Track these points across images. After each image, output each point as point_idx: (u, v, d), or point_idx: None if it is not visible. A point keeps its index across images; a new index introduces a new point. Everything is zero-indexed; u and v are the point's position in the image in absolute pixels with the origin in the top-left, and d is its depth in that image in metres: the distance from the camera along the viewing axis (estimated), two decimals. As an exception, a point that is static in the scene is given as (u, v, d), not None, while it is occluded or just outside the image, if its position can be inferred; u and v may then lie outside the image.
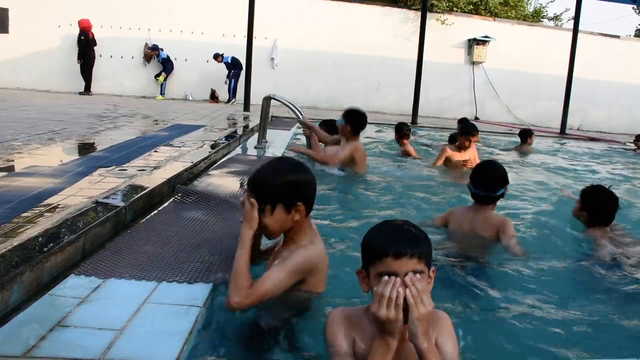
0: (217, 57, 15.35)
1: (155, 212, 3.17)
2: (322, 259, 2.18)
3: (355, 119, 5.41)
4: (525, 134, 9.23)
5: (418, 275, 1.55)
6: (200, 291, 2.07)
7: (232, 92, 15.61)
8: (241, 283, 2.00)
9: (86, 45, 14.52)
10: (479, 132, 6.64)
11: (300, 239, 2.18)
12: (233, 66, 15.34)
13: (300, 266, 2.07)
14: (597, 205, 3.53)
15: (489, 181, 3.28)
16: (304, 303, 2.13)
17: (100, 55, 15.30)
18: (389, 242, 1.58)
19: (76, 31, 14.60)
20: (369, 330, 1.64)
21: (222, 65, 15.43)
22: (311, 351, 1.85)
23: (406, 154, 7.12)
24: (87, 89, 14.69)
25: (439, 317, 1.71)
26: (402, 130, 7.34)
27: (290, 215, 2.13)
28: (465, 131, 6.17)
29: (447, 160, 6.09)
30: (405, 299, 1.51)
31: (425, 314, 1.51)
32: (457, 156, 6.04)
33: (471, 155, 6.06)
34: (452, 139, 7.05)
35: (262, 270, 2.21)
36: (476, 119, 17.20)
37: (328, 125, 6.32)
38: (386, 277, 1.55)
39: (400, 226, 1.66)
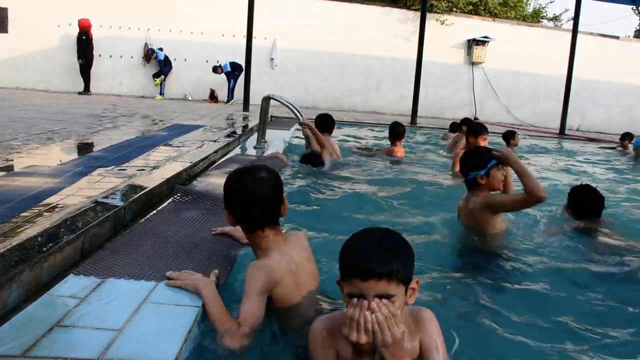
0: (215, 70, 15.36)
1: (154, 212, 3.16)
2: (277, 273, 2.03)
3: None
4: (509, 136, 9.24)
5: (385, 300, 1.49)
6: (199, 291, 2.07)
7: (231, 92, 15.62)
8: (231, 329, 1.87)
9: (87, 45, 14.51)
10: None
11: (256, 252, 2.19)
12: (233, 70, 15.35)
13: (257, 286, 1.96)
14: (582, 203, 3.70)
15: (462, 164, 3.38)
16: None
17: (100, 55, 15.30)
18: (358, 261, 1.52)
19: (75, 31, 14.59)
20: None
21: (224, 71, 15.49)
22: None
23: (396, 155, 6.82)
24: (87, 89, 14.69)
25: (421, 317, 1.68)
26: (397, 130, 6.94)
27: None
28: (475, 131, 5.68)
29: None
30: None
31: (390, 342, 1.47)
32: None
33: None
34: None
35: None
36: (475, 119, 17.20)
37: (322, 119, 6.33)
38: (355, 300, 1.52)
39: (374, 241, 1.58)
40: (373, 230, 1.66)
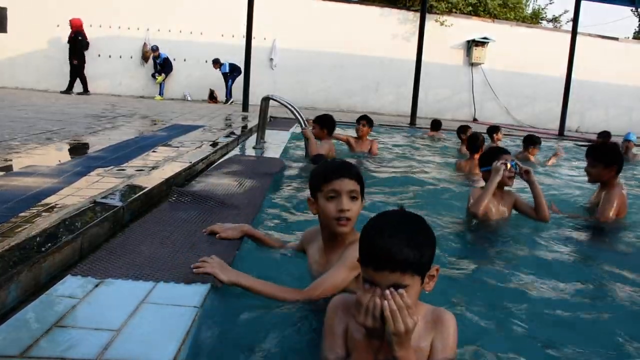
0: (215, 63, 15.36)
1: (153, 212, 3.16)
2: None
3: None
4: (492, 131, 9.46)
5: (402, 290, 1.46)
6: (197, 292, 2.07)
7: (230, 92, 15.63)
8: (291, 294, 2.10)
9: (81, 45, 14.31)
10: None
11: (351, 236, 2.22)
12: (231, 71, 15.36)
13: (350, 258, 2.07)
14: (620, 156, 3.93)
15: (480, 159, 4.01)
16: None
17: (99, 55, 15.30)
18: (373, 250, 1.50)
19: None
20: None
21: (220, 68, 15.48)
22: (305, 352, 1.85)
23: (371, 151, 6.89)
24: (85, 89, 14.56)
25: (441, 319, 1.63)
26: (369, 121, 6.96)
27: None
28: (474, 148, 6.09)
29: None
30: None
31: (402, 331, 1.45)
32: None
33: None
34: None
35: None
36: (475, 120, 17.23)
37: (322, 120, 6.34)
38: (367, 286, 1.51)
39: (392, 228, 1.53)
40: (394, 215, 1.61)
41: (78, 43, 14.28)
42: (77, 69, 14.44)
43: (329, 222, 2.19)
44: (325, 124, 6.14)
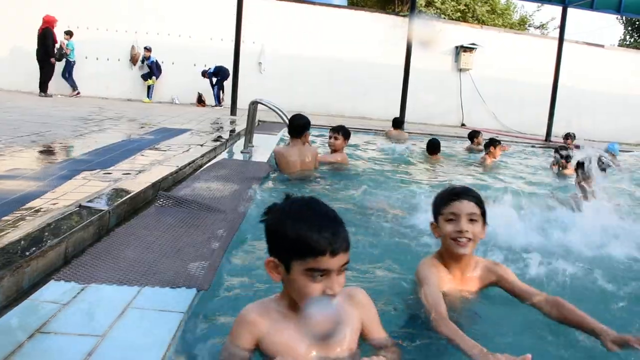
0: (204, 74, 15.37)
1: (138, 216, 3.14)
2: None
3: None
4: (473, 135, 10.26)
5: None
6: (183, 296, 2.06)
7: (217, 99, 15.58)
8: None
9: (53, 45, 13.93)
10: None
11: None
12: (215, 74, 15.33)
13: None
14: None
15: None
16: None
17: (87, 57, 15.19)
18: (324, 238, 1.48)
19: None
20: (279, 324, 1.62)
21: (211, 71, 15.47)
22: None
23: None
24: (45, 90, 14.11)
25: (359, 299, 1.74)
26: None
27: None
28: (433, 152, 7.96)
29: None
30: None
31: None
32: None
33: None
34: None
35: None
36: (462, 125, 17.34)
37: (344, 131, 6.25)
38: (318, 275, 1.50)
39: (321, 214, 1.55)
40: (305, 202, 1.62)
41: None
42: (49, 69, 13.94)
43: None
44: (347, 134, 6.12)
